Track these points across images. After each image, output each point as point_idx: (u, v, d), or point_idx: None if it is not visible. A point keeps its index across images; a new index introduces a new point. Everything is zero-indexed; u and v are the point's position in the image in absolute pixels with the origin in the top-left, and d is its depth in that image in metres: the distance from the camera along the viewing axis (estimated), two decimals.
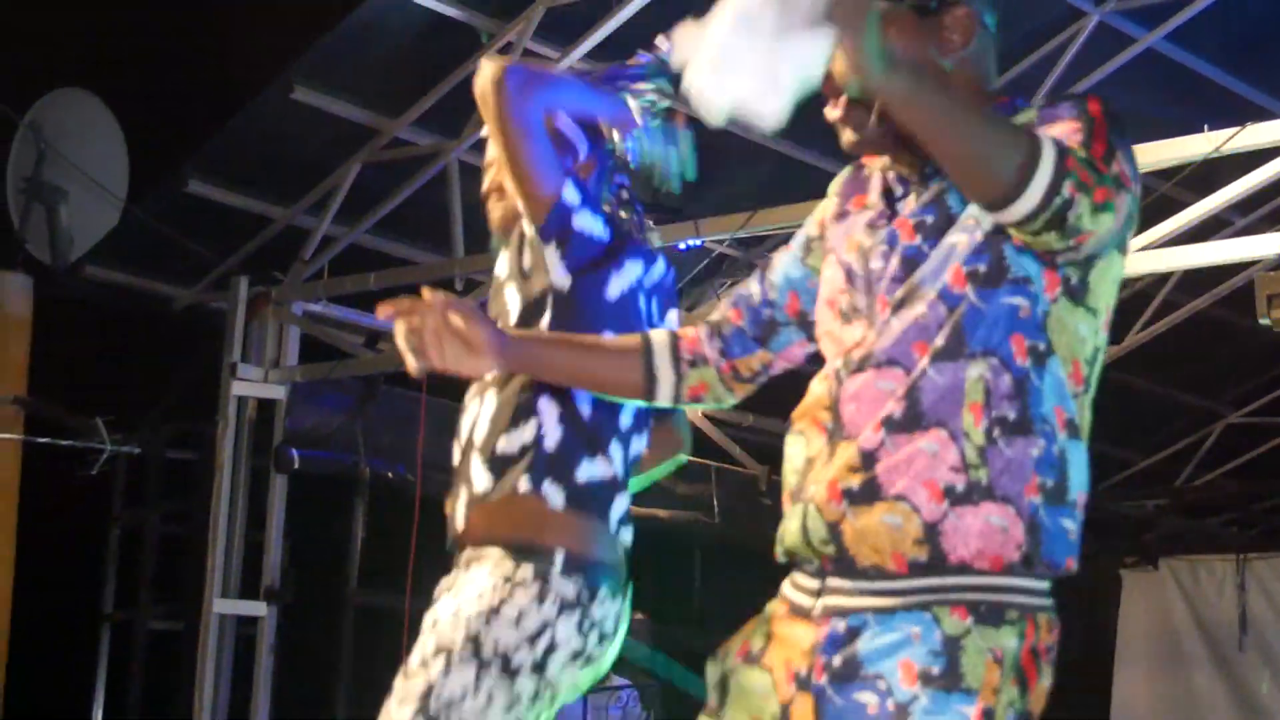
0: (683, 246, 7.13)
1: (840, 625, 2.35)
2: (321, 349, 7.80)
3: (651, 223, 3.48)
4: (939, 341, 2.35)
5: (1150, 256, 6.40)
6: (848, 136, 2.50)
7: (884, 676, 2.28)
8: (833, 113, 2.49)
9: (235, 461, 7.61)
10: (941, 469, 2.31)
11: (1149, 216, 6.61)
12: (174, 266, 7.91)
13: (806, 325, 2.67)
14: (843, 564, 2.37)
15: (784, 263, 2.69)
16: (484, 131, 3.35)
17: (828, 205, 2.65)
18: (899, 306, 2.39)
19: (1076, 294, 2.40)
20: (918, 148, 2.41)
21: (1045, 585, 2.37)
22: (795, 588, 2.47)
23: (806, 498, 2.42)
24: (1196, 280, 8.58)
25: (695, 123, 2.84)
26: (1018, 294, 2.35)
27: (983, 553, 2.31)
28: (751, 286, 2.72)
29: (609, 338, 2.85)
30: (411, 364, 2.64)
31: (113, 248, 7.57)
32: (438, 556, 7.47)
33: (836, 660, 2.33)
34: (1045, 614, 2.35)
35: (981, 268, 2.35)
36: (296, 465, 7.53)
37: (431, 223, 7.49)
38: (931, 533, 2.31)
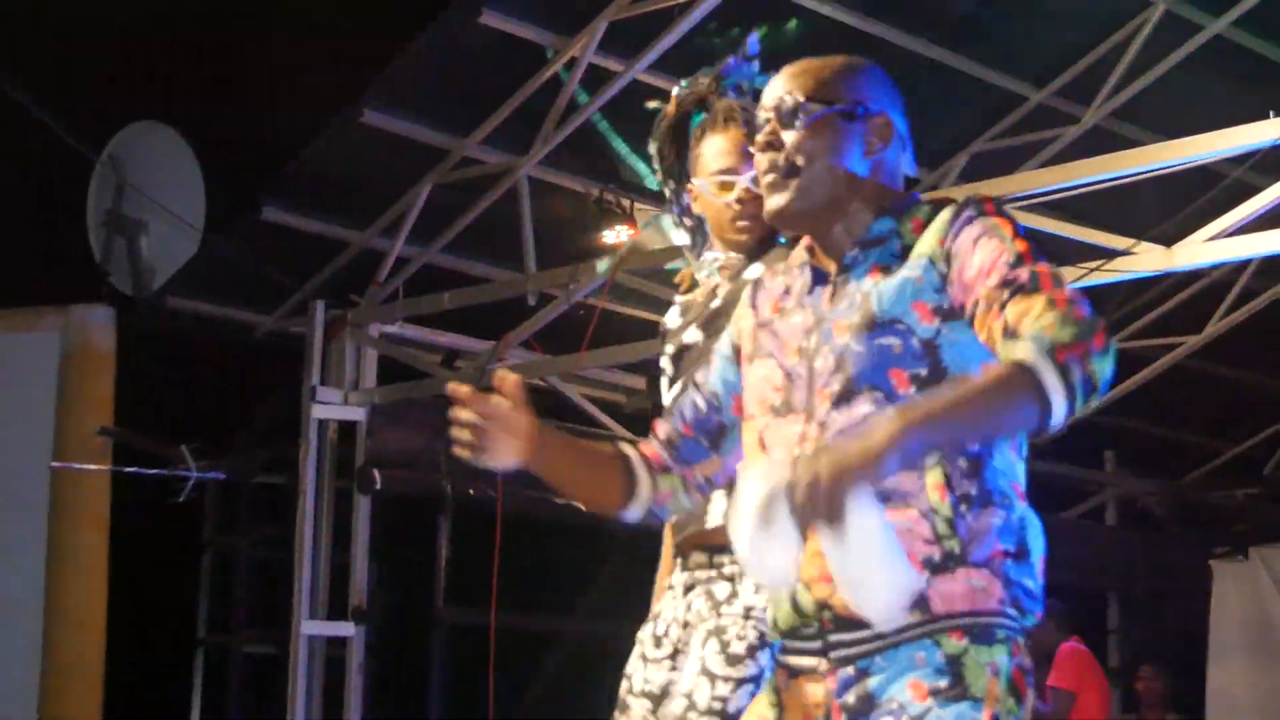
0: None
1: (849, 670, 2.54)
2: (400, 370, 7.86)
3: None
4: None
5: (1225, 245, 6.36)
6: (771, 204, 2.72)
7: (895, 698, 2.49)
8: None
9: (319, 484, 7.68)
10: (917, 543, 2.49)
11: (1222, 204, 6.58)
12: (253, 294, 7.99)
13: None
14: (840, 621, 2.54)
15: (719, 371, 2.86)
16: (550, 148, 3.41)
17: (745, 319, 2.82)
18: (839, 401, 2.57)
19: None
20: (834, 235, 2.68)
21: (1020, 619, 2.56)
22: (792, 653, 2.63)
23: (791, 580, 2.56)
24: (1275, 266, 8.50)
25: None
26: None
27: (971, 609, 2.51)
28: (694, 400, 2.87)
29: (586, 443, 2.96)
30: (466, 453, 2.71)
31: (193, 278, 7.66)
32: (521, 571, 7.51)
33: (850, 699, 2.53)
34: (1023, 640, 2.56)
35: (922, 372, 2.55)
36: (379, 486, 7.59)
37: (503, 240, 7.54)
38: (919, 599, 2.48)
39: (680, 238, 3.76)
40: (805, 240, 2.76)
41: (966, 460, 2.52)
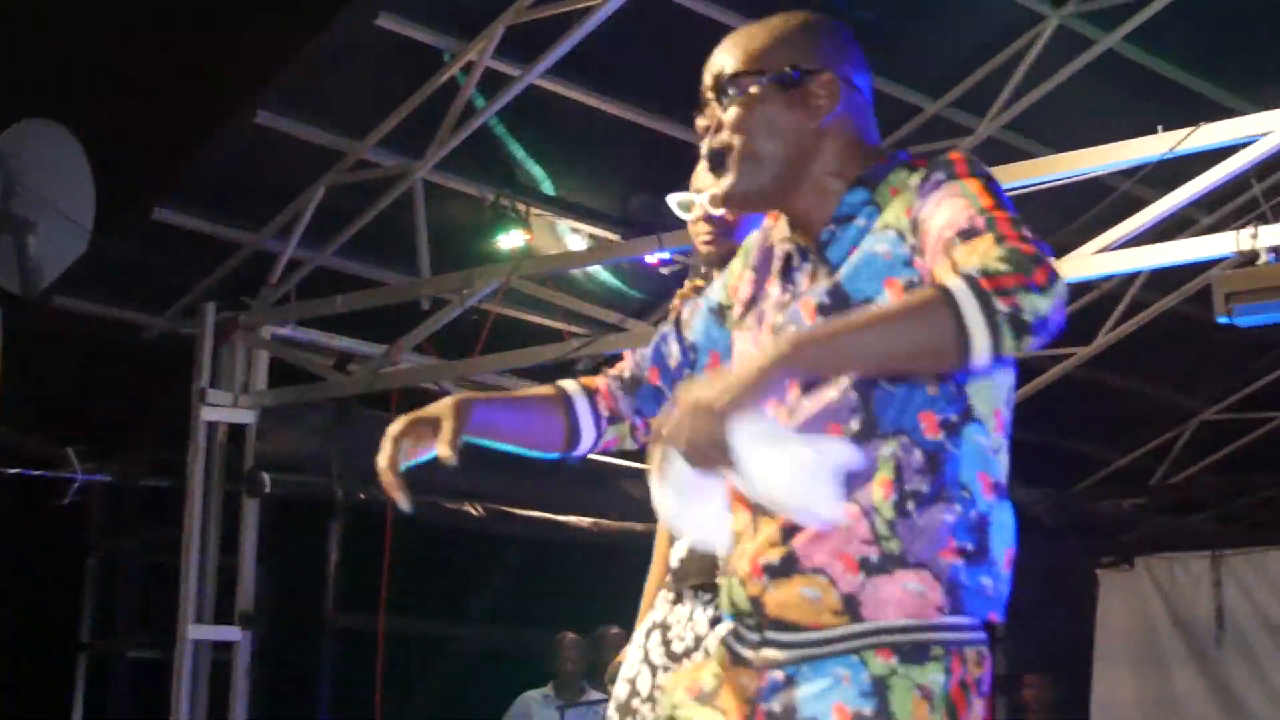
0: (653, 260, 7.14)
1: (779, 675, 2.41)
2: (292, 373, 7.79)
3: None
4: (853, 425, 2.37)
5: (1114, 257, 6.42)
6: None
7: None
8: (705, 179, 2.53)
9: (207, 487, 7.60)
10: (854, 542, 2.35)
11: (1112, 216, 6.66)
12: (144, 295, 7.90)
13: None
14: (775, 622, 2.42)
15: (703, 321, 2.71)
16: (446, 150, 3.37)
17: (739, 278, 2.67)
18: (807, 386, 2.40)
19: None
20: (805, 211, 2.48)
21: (972, 621, 2.39)
22: (736, 639, 2.52)
23: (731, 571, 2.49)
24: (1166, 278, 8.61)
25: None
26: None
27: (903, 617, 2.35)
28: (670, 348, 2.72)
29: (524, 390, 2.81)
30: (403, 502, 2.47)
31: (82, 278, 7.55)
32: (412, 576, 7.45)
33: (775, 707, 2.39)
34: (973, 648, 2.39)
35: None
36: (268, 489, 7.53)
37: (398, 243, 7.50)
38: (850, 602, 2.35)
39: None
40: (783, 217, 2.56)
41: (923, 452, 2.36)
